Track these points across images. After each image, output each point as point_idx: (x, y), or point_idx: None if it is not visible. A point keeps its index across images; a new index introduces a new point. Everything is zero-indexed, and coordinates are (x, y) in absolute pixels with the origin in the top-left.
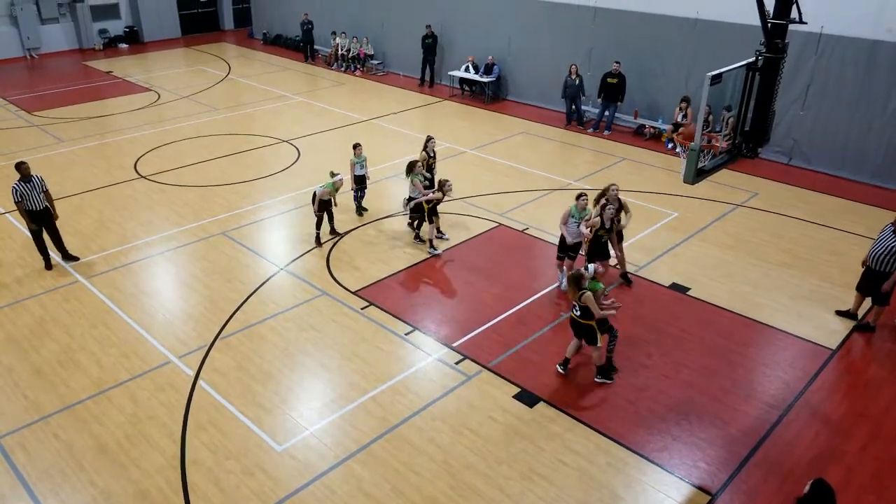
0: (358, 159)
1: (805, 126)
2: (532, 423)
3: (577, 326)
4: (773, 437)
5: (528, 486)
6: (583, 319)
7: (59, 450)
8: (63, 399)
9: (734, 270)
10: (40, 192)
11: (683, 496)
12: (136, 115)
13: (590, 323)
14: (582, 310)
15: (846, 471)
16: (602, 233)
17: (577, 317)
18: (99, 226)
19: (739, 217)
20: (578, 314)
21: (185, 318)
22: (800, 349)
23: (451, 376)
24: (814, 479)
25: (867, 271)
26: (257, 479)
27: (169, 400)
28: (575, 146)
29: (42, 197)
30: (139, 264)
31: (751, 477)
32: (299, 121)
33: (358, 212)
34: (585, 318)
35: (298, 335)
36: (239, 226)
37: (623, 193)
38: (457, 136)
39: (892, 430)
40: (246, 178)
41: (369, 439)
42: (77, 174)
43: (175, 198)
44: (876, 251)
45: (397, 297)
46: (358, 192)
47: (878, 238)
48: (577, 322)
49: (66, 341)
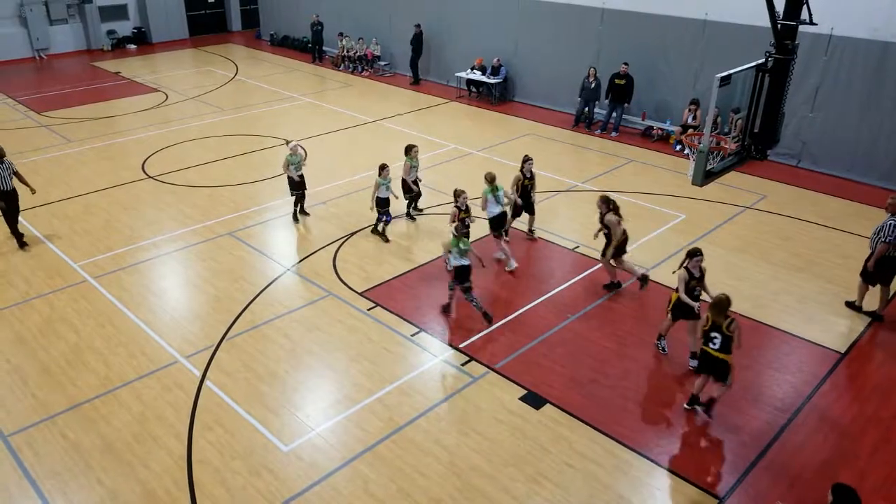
0: (384, 181)
1: (814, 128)
2: (538, 426)
3: (709, 361)
4: (781, 440)
5: (535, 489)
6: (721, 353)
7: (67, 449)
8: (71, 398)
9: (742, 273)
10: (10, 175)
11: (691, 500)
12: (143, 115)
13: (727, 358)
14: (723, 341)
15: (856, 475)
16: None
17: (714, 350)
18: (107, 226)
19: (747, 219)
20: (717, 346)
21: (191, 319)
22: (808, 352)
23: (458, 378)
24: (834, 485)
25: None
26: (263, 479)
27: (176, 400)
28: (582, 148)
29: (10, 178)
30: (146, 264)
31: (759, 481)
32: (306, 122)
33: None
34: (724, 352)
35: (305, 336)
36: (245, 226)
37: (630, 195)
38: (463, 138)
39: None
40: (252, 178)
41: (375, 440)
42: (85, 174)
43: (182, 198)
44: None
45: (404, 298)
46: (383, 215)
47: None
48: (710, 356)
49: (74, 340)
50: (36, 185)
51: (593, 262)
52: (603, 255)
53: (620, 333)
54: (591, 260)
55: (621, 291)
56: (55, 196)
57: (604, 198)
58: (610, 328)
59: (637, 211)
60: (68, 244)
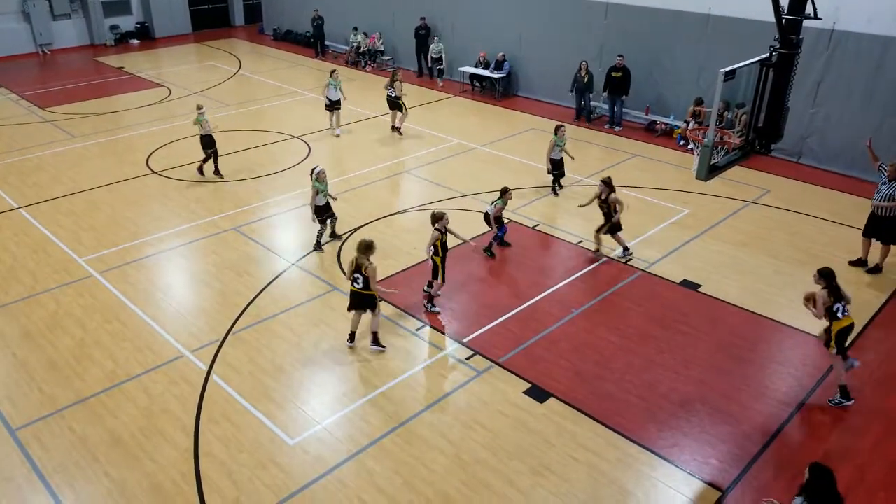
0: (321, 185)
1: (816, 123)
2: (542, 419)
3: (358, 298)
4: (784, 434)
5: (539, 481)
6: (365, 290)
7: (74, 442)
8: (78, 392)
9: (746, 267)
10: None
11: (694, 492)
12: (147, 110)
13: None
14: (364, 280)
15: (858, 468)
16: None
17: (359, 288)
18: (112, 221)
19: (751, 214)
20: (360, 286)
21: (197, 313)
22: (812, 346)
23: (462, 372)
24: (811, 464)
25: (873, 218)
26: (270, 472)
27: (182, 394)
28: (586, 142)
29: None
30: (151, 259)
31: (762, 473)
32: (311, 117)
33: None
34: (367, 289)
35: (310, 330)
36: (249, 221)
37: (634, 190)
38: (468, 133)
39: None
40: (256, 174)
41: (381, 434)
42: (89, 170)
43: (187, 193)
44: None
45: (408, 292)
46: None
47: (878, 188)
48: (357, 294)
49: (81, 335)
50: (41, 180)
51: (598, 256)
52: (598, 232)
53: (623, 328)
54: (595, 255)
55: (624, 286)
56: (60, 191)
57: (605, 180)
58: (613, 322)
59: (641, 206)
60: (74, 239)
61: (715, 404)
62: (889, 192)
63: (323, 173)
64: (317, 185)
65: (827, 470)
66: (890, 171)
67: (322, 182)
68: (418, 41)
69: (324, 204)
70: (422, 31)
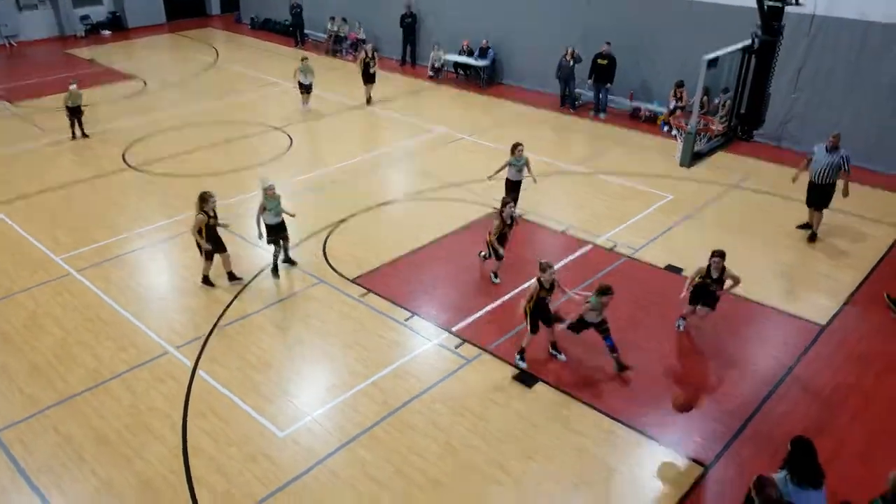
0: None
1: (796, 108)
2: (531, 403)
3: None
4: (764, 410)
5: (529, 465)
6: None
7: (59, 443)
8: (60, 392)
9: (728, 251)
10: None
11: (678, 468)
12: (122, 103)
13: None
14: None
15: (836, 442)
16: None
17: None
18: (89, 218)
19: (734, 199)
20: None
21: (180, 310)
22: (791, 326)
23: (452, 360)
24: (793, 438)
25: (811, 186)
26: (260, 464)
27: (168, 390)
28: (571, 130)
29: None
30: (132, 256)
31: (743, 449)
32: (291, 108)
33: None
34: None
35: (297, 324)
36: (231, 215)
37: (619, 177)
38: (452, 121)
39: (881, 401)
40: (237, 167)
41: (371, 423)
42: (65, 165)
43: (166, 188)
44: (817, 169)
45: (396, 283)
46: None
47: (817, 159)
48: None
49: (61, 335)
50: (14, 177)
51: (583, 243)
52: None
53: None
54: (580, 241)
55: (609, 272)
56: (35, 188)
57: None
58: None
59: (625, 192)
60: (50, 237)
61: (698, 384)
62: (829, 160)
63: (272, 189)
64: (265, 202)
65: (808, 443)
66: (832, 141)
67: (272, 199)
68: (405, 30)
69: (276, 223)
70: (408, 19)
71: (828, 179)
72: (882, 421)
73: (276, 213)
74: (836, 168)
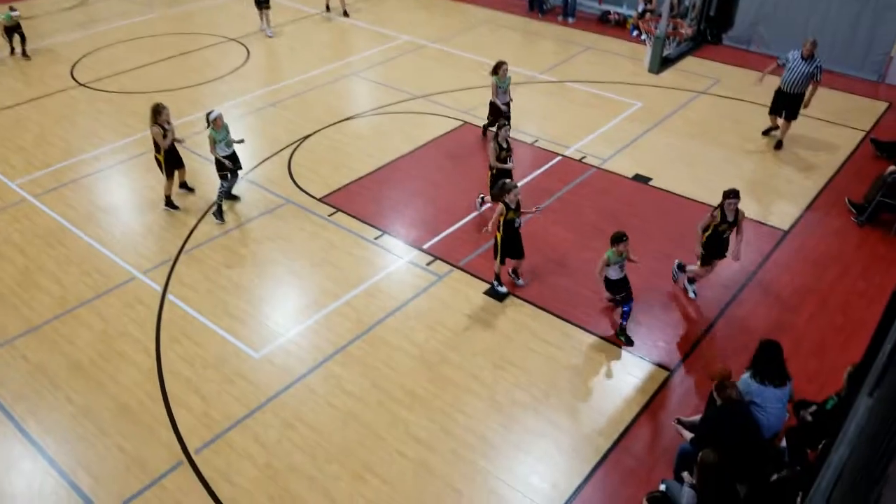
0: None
1: (764, 11)
2: (502, 317)
3: None
4: (727, 314)
5: (501, 374)
6: None
7: (31, 371)
8: (28, 321)
9: (695, 159)
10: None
11: (644, 373)
12: (64, 16)
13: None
14: None
15: (794, 340)
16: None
17: None
18: (40, 140)
19: (702, 105)
20: None
21: (144, 234)
22: (755, 232)
23: (423, 277)
24: (761, 340)
25: (780, 95)
26: (238, 385)
27: (139, 316)
28: (539, 35)
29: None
30: (89, 179)
31: (707, 350)
32: (244, 16)
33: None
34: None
35: (266, 245)
36: (191, 134)
37: (587, 84)
38: (416, 28)
39: (835, 302)
40: (193, 82)
41: (346, 341)
42: (9, 84)
43: (120, 106)
44: (790, 78)
45: (364, 202)
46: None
47: (790, 67)
48: None
49: (23, 263)
50: None
51: (553, 155)
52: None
53: (578, 225)
54: (550, 154)
55: (578, 184)
56: None
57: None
58: (569, 220)
59: (594, 101)
60: (2, 161)
61: (664, 292)
62: (804, 69)
63: (220, 119)
64: (213, 134)
65: (773, 344)
66: (807, 49)
67: (219, 130)
68: None
69: (230, 154)
70: None
71: (799, 89)
72: (836, 320)
73: (228, 144)
74: (809, 77)
